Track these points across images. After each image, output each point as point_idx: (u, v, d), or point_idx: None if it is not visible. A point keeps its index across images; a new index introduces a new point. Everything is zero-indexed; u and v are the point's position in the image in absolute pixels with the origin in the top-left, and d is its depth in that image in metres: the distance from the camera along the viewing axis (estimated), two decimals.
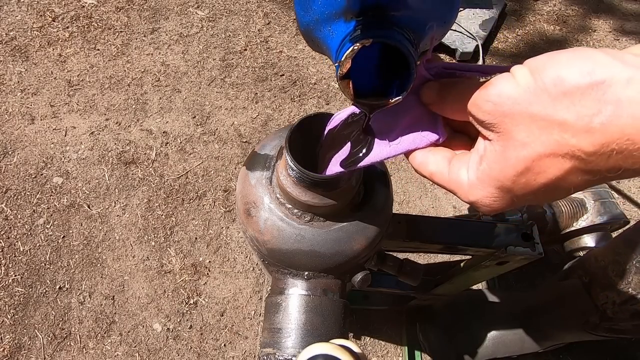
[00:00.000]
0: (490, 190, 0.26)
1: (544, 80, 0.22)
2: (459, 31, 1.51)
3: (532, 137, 0.23)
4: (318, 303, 0.44)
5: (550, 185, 0.23)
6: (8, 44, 1.47)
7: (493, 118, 0.24)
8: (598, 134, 0.20)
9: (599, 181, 0.23)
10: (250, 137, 1.32)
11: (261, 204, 0.44)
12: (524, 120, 0.23)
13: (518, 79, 0.23)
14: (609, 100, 0.20)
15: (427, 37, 0.28)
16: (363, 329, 1.04)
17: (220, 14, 1.62)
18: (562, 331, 0.81)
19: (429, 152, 0.31)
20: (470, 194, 0.27)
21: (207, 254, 1.13)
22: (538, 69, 0.23)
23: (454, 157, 0.30)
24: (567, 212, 0.98)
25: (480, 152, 0.27)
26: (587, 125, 0.20)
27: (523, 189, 0.24)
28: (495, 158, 0.25)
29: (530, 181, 0.24)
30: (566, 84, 0.21)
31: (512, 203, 0.26)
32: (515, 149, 0.23)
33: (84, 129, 1.31)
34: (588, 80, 0.21)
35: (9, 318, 1.02)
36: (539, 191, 0.24)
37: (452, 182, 0.29)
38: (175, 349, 1.01)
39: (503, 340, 0.89)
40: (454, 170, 0.29)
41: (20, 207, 1.16)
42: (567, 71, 0.21)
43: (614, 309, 0.66)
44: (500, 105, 0.24)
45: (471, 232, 0.58)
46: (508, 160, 0.24)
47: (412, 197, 1.25)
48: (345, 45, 0.26)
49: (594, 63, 0.21)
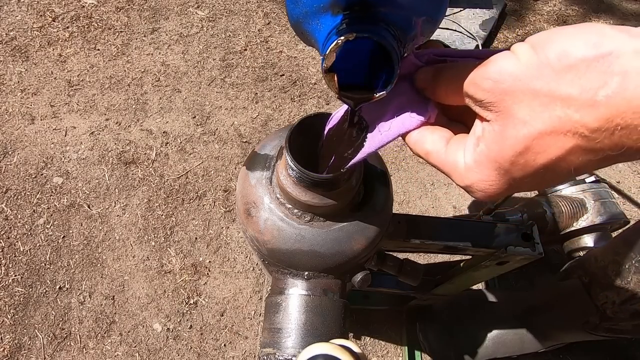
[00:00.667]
0: (487, 173, 0.25)
1: (547, 55, 0.21)
2: (459, 31, 1.51)
3: (534, 114, 0.21)
4: (318, 303, 0.44)
5: (550, 166, 0.22)
6: (8, 44, 1.47)
7: (493, 96, 0.23)
8: (603, 108, 0.19)
9: (600, 162, 0.22)
10: (250, 137, 1.32)
11: (261, 204, 0.44)
12: (526, 97, 0.22)
13: (519, 55, 0.22)
14: (616, 72, 0.19)
15: (413, 34, 0.29)
16: (363, 329, 1.04)
17: (220, 14, 1.62)
18: (562, 331, 0.81)
19: (427, 130, 0.30)
20: (465, 177, 0.26)
21: (207, 254, 1.13)
22: (541, 44, 0.22)
23: (452, 138, 0.29)
24: (567, 212, 0.98)
25: (477, 134, 0.26)
26: (592, 98, 0.19)
27: (522, 171, 0.23)
28: (493, 138, 0.24)
29: (530, 162, 0.23)
30: (571, 57, 0.20)
31: (509, 187, 0.25)
32: (515, 127, 0.22)
33: (84, 129, 1.31)
34: (594, 52, 0.20)
35: (9, 318, 1.02)
36: (538, 173, 0.23)
37: (447, 164, 0.28)
38: (175, 349, 1.01)
39: (503, 340, 0.89)
40: (450, 151, 0.28)
41: (20, 207, 1.16)
42: (573, 44, 0.20)
43: (614, 308, 0.66)
44: (500, 82, 0.23)
45: (471, 232, 0.58)
46: (507, 139, 0.23)
47: (412, 197, 1.25)
48: (331, 39, 0.26)
49: (600, 35, 0.20)
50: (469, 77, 0.25)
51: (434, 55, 0.31)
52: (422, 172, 1.29)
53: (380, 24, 0.26)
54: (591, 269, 0.71)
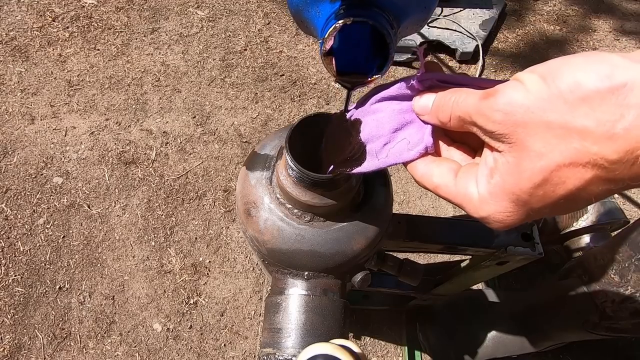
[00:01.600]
0: (505, 205, 0.25)
1: (558, 86, 0.21)
2: (459, 31, 1.51)
3: (549, 146, 0.21)
4: (318, 303, 0.44)
5: (570, 196, 0.22)
6: (8, 44, 1.47)
7: (504, 128, 0.23)
8: (621, 141, 0.19)
9: (620, 190, 0.22)
10: (250, 137, 1.32)
11: (261, 204, 0.44)
12: (539, 129, 0.21)
13: (528, 86, 0.22)
14: (632, 105, 0.19)
15: (408, 21, 0.30)
16: (363, 329, 1.04)
17: (220, 14, 1.62)
18: (562, 331, 0.81)
19: (433, 164, 0.30)
20: (481, 209, 0.26)
21: (207, 254, 1.13)
22: (551, 74, 0.22)
23: (460, 169, 0.28)
24: None
25: (489, 165, 0.25)
26: (609, 131, 0.19)
27: (540, 202, 0.23)
28: (509, 170, 0.24)
29: (549, 193, 0.22)
30: (584, 89, 0.20)
31: (527, 217, 0.25)
32: (531, 160, 0.22)
33: (84, 129, 1.31)
34: (608, 84, 0.19)
35: (9, 318, 1.02)
36: (558, 203, 0.23)
37: (459, 196, 0.27)
38: (175, 349, 1.01)
39: (503, 340, 0.89)
40: (461, 184, 0.27)
41: (20, 207, 1.16)
42: (584, 75, 0.20)
43: (614, 307, 0.66)
44: (511, 114, 0.22)
45: (471, 232, 0.58)
46: (524, 172, 0.23)
47: (412, 197, 1.25)
48: (329, 23, 0.28)
49: (612, 66, 0.20)
50: (476, 107, 0.25)
51: (437, 80, 0.30)
52: None
53: (375, 10, 0.27)
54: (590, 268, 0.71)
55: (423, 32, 1.50)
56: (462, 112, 0.26)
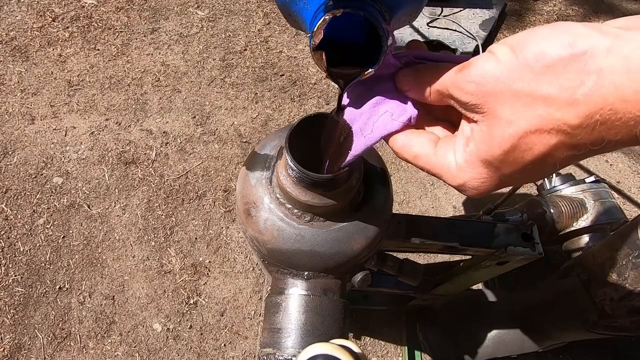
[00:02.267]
0: (479, 171, 0.26)
1: (525, 56, 0.22)
2: (459, 31, 1.51)
3: (517, 114, 0.22)
4: (318, 303, 0.44)
5: (537, 161, 0.23)
6: (8, 44, 1.47)
7: (476, 98, 0.24)
8: (582, 106, 0.20)
9: (583, 156, 0.22)
10: (250, 137, 1.32)
11: (261, 204, 0.44)
12: (508, 98, 0.22)
13: (499, 57, 0.23)
14: (591, 71, 0.20)
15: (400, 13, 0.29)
16: (363, 329, 1.04)
17: (220, 14, 1.62)
18: (562, 330, 0.81)
19: (412, 134, 0.30)
20: (458, 177, 0.27)
21: (207, 254, 1.13)
22: (519, 45, 0.22)
23: (440, 140, 0.29)
24: (567, 212, 0.98)
25: (466, 134, 0.26)
26: (571, 97, 0.20)
27: (511, 167, 0.24)
28: (482, 138, 0.25)
29: (518, 159, 0.23)
30: (548, 58, 0.21)
31: (500, 183, 0.26)
32: (501, 127, 0.23)
33: (84, 129, 1.31)
34: (570, 52, 0.20)
35: (9, 318, 1.02)
36: (526, 168, 0.24)
37: (438, 166, 0.28)
38: (175, 349, 1.01)
39: (503, 339, 0.89)
40: (440, 153, 0.28)
41: (20, 207, 1.16)
42: (549, 45, 0.21)
43: (612, 305, 0.66)
44: (483, 84, 0.23)
45: (471, 232, 0.58)
46: (494, 139, 0.24)
47: (412, 197, 1.25)
48: (318, 16, 0.27)
49: (574, 35, 0.21)
50: (452, 79, 0.25)
51: (414, 57, 0.31)
52: (422, 172, 1.29)
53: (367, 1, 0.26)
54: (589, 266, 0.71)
55: (423, 32, 1.50)
56: (440, 85, 0.27)
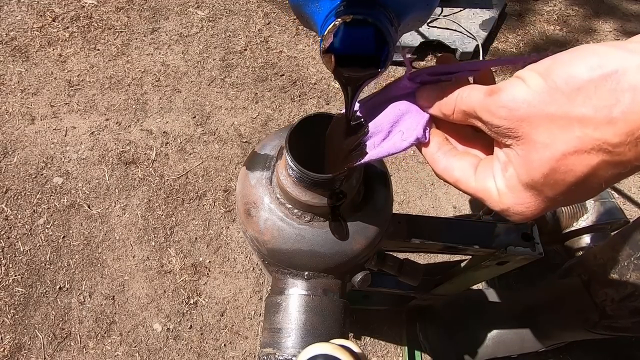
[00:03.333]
0: (522, 196, 0.26)
1: (554, 80, 0.22)
2: (459, 31, 1.51)
3: (553, 137, 0.23)
4: (318, 303, 0.44)
5: (580, 182, 0.23)
6: (8, 44, 1.47)
7: (510, 123, 0.24)
8: (621, 123, 0.20)
9: (629, 173, 0.22)
10: (250, 137, 1.32)
11: (261, 204, 0.44)
12: (542, 122, 0.23)
13: (528, 82, 0.24)
14: (625, 88, 0.20)
15: (408, 18, 0.30)
16: (363, 329, 1.04)
17: (220, 14, 1.62)
18: (562, 330, 0.81)
19: (454, 158, 0.31)
20: (501, 202, 0.27)
21: (207, 254, 1.13)
22: (547, 70, 0.23)
23: (480, 163, 0.29)
24: (567, 212, 0.98)
25: (502, 159, 0.27)
26: (608, 116, 0.20)
27: (553, 190, 0.24)
28: (519, 162, 0.25)
29: (559, 181, 0.24)
30: (578, 80, 0.21)
31: (545, 207, 0.26)
32: (538, 151, 0.23)
33: (84, 129, 1.31)
34: (599, 73, 0.21)
35: (9, 318, 1.02)
36: (570, 190, 0.24)
37: (479, 191, 0.28)
38: (175, 349, 1.01)
39: (503, 339, 0.89)
40: (480, 178, 0.28)
41: (20, 207, 1.16)
42: (575, 68, 0.22)
43: (613, 306, 0.66)
44: (515, 109, 0.24)
45: (471, 232, 0.58)
46: (533, 163, 0.24)
47: (412, 197, 1.25)
48: (329, 20, 0.27)
49: (600, 56, 0.21)
50: (481, 103, 0.26)
51: (428, 74, 0.32)
52: (422, 172, 1.29)
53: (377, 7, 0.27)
54: (590, 267, 0.71)
55: (423, 32, 1.50)
56: (467, 106, 0.27)
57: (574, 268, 0.77)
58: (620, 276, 0.63)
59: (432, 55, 1.54)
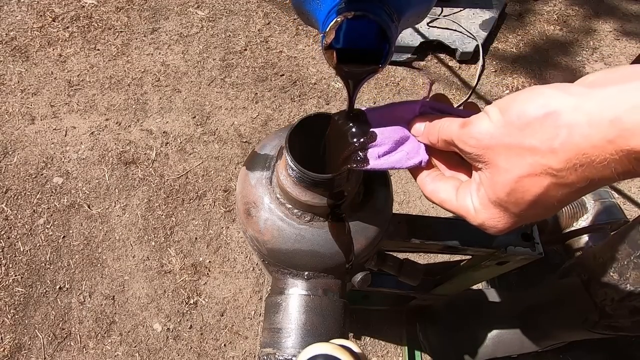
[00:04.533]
0: (492, 212, 0.30)
1: (510, 115, 0.27)
2: (459, 31, 1.51)
3: (511, 163, 0.27)
4: (318, 303, 0.44)
5: (537, 200, 0.27)
6: (8, 44, 1.47)
7: (477, 151, 0.29)
8: (561, 153, 0.24)
9: (577, 192, 0.26)
10: (250, 137, 1.32)
11: (261, 204, 0.44)
12: (502, 150, 0.27)
13: (491, 117, 0.28)
14: (563, 125, 0.24)
15: (408, 14, 0.31)
16: (363, 329, 1.04)
17: (220, 14, 1.62)
18: (562, 330, 0.81)
19: (440, 182, 0.36)
20: (477, 217, 0.32)
21: (207, 254, 1.13)
22: (506, 107, 0.28)
23: (460, 185, 0.34)
24: (567, 212, 0.98)
25: (477, 181, 0.31)
26: (550, 147, 0.25)
27: (517, 207, 0.28)
28: (487, 183, 0.30)
29: (519, 199, 0.28)
30: (528, 116, 0.26)
31: (513, 221, 0.30)
32: (500, 174, 0.28)
33: (84, 129, 1.31)
34: (544, 111, 0.25)
35: (9, 318, 1.02)
36: (530, 206, 0.28)
37: (460, 209, 0.33)
38: (175, 349, 1.01)
39: (503, 339, 0.89)
40: (460, 198, 0.33)
41: (20, 207, 1.16)
42: (527, 106, 0.26)
43: (613, 305, 0.66)
44: (481, 140, 0.29)
45: (471, 232, 0.58)
46: (497, 184, 0.29)
47: (412, 197, 1.25)
48: (330, 17, 0.28)
49: (546, 97, 0.26)
50: (457, 134, 0.31)
51: (429, 107, 0.37)
52: None
53: (376, 3, 0.28)
54: (590, 266, 0.71)
55: (423, 32, 1.50)
56: (446, 136, 0.32)
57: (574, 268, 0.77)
58: (620, 275, 0.63)
59: (432, 55, 1.54)
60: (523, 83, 1.50)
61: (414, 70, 1.50)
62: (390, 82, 1.47)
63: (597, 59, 1.57)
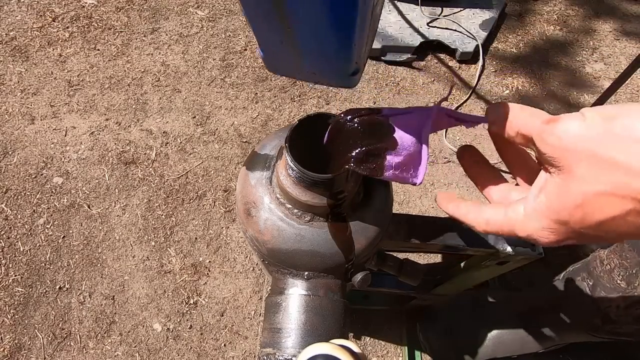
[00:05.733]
0: (547, 222, 0.27)
1: (615, 126, 0.24)
2: (459, 31, 1.51)
3: (592, 174, 0.24)
4: (318, 303, 0.44)
5: (607, 222, 0.24)
6: (8, 44, 1.47)
7: (555, 152, 0.26)
8: None
9: None
10: (250, 137, 1.32)
11: (261, 204, 0.44)
12: (585, 158, 0.24)
13: (587, 120, 0.25)
14: None
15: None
16: (363, 329, 1.04)
17: (220, 14, 1.62)
18: (564, 332, 0.81)
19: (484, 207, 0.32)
20: (526, 225, 0.28)
21: (207, 254, 1.13)
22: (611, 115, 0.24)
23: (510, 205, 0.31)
24: None
25: (539, 184, 0.28)
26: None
27: (579, 224, 0.26)
28: (554, 190, 0.26)
29: (587, 216, 0.25)
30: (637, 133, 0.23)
31: (567, 237, 0.27)
32: (574, 182, 0.25)
33: (84, 129, 1.31)
34: None
35: (9, 318, 1.02)
36: (596, 227, 0.25)
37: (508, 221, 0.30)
38: (175, 349, 1.01)
39: (503, 340, 0.89)
40: (510, 209, 0.30)
41: (20, 207, 1.16)
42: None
43: (618, 312, 0.66)
44: (564, 140, 0.25)
45: (471, 232, 0.58)
46: (567, 192, 0.26)
47: (412, 197, 1.25)
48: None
49: None
50: (538, 128, 0.28)
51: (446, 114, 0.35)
52: None
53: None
54: (596, 272, 0.71)
55: (423, 32, 1.50)
56: (526, 130, 0.29)
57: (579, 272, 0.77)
58: (628, 284, 0.63)
59: (432, 55, 1.54)
60: (523, 83, 1.50)
61: (414, 70, 1.50)
62: (390, 82, 1.47)
63: (597, 59, 1.57)
